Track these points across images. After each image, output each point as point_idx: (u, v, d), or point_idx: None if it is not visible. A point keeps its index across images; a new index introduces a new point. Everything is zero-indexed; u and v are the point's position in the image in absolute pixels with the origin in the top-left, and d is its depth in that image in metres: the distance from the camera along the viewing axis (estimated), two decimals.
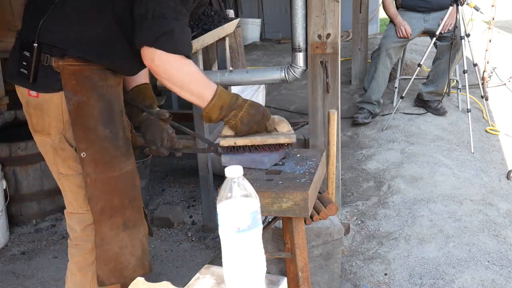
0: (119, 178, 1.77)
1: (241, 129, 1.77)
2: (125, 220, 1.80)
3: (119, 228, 1.79)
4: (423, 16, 4.42)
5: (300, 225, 1.86)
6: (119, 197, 1.78)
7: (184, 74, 1.70)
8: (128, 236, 1.81)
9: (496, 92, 5.30)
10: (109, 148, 1.73)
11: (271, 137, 1.81)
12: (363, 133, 4.30)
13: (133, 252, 1.83)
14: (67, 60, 1.67)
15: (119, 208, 1.78)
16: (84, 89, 1.69)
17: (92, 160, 1.72)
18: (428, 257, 2.70)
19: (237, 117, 1.75)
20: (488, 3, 4.97)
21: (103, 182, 1.74)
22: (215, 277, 1.15)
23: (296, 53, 2.74)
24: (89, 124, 1.70)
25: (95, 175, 1.73)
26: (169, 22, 1.62)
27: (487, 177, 3.54)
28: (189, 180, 3.74)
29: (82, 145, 1.70)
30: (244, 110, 1.75)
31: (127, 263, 1.82)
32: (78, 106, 1.69)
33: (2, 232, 3.05)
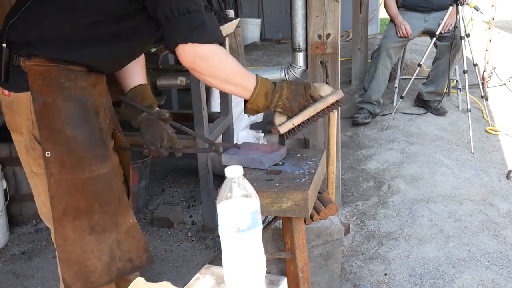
0: (89, 181, 1.72)
1: (290, 107, 1.77)
2: (92, 224, 1.74)
3: (84, 231, 1.74)
4: (423, 16, 4.42)
5: (300, 225, 1.86)
6: (86, 200, 1.73)
7: (225, 66, 1.69)
8: (95, 240, 1.76)
9: (496, 92, 5.30)
10: (77, 149, 1.69)
11: (322, 103, 1.82)
12: (363, 133, 4.30)
13: (100, 256, 1.78)
14: (33, 60, 1.64)
15: (86, 211, 1.73)
16: (50, 90, 1.66)
17: (58, 160, 1.68)
18: (428, 257, 2.70)
19: (283, 98, 1.75)
20: (488, 3, 4.97)
21: (68, 184, 1.70)
22: (215, 277, 1.15)
23: (296, 53, 2.74)
24: (55, 125, 1.67)
25: (60, 176, 1.69)
26: (197, 15, 1.61)
27: (487, 177, 3.54)
28: (189, 180, 3.74)
29: (47, 145, 1.68)
30: (286, 89, 1.76)
31: (93, 268, 1.77)
32: (44, 106, 1.66)
33: (2, 232, 3.05)
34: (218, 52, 1.65)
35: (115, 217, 1.81)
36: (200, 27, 1.60)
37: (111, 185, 1.79)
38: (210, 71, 1.67)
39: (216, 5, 6.90)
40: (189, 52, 1.63)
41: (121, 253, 1.84)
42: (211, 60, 1.65)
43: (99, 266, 1.78)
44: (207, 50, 1.63)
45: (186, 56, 1.64)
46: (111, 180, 1.79)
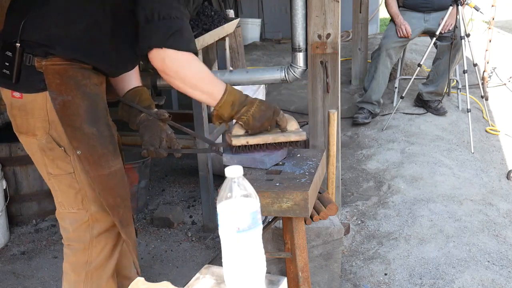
0: (109, 177, 1.75)
1: (253, 125, 1.77)
2: (120, 218, 1.79)
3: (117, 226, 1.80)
4: (423, 16, 4.42)
5: (300, 225, 1.86)
6: (112, 196, 1.76)
7: (195, 72, 1.70)
8: (125, 234, 1.81)
9: (496, 92, 5.30)
10: (96, 146, 1.71)
11: (283, 135, 1.81)
12: (363, 133, 4.30)
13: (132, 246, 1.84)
14: (50, 59, 1.65)
15: (114, 206, 1.77)
16: (69, 88, 1.67)
17: (86, 158, 1.71)
18: (428, 257, 2.70)
19: (249, 113, 1.75)
20: (488, 3, 4.97)
21: (95, 181, 1.73)
22: (215, 277, 1.15)
23: (296, 53, 2.74)
24: (75, 123, 1.68)
25: (91, 172, 1.72)
26: (176, 22, 1.62)
27: (487, 177, 3.54)
28: (189, 180, 3.74)
29: (75, 143, 1.69)
30: (255, 106, 1.75)
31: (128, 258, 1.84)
32: (64, 105, 1.67)
33: (2, 232, 3.05)
34: (190, 58, 1.67)
35: (131, 211, 1.86)
36: (176, 34, 1.62)
37: (124, 179, 1.83)
38: (177, 74, 1.68)
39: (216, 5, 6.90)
40: (162, 55, 1.64)
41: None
42: (181, 65, 1.66)
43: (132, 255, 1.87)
44: (178, 55, 1.64)
45: (157, 58, 1.65)
46: (124, 175, 1.82)
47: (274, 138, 1.80)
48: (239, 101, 1.74)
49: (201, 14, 3.08)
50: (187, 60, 1.66)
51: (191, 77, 1.70)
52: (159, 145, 1.87)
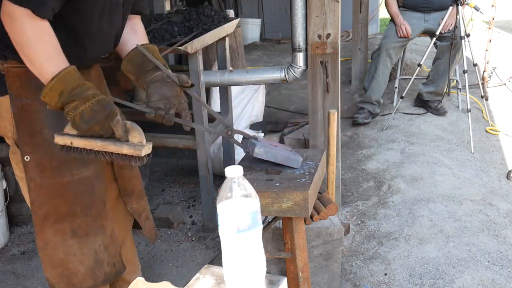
0: (70, 185, 1.68)
1: (79, 125, 1.51)
2: (74, 227, 1.72)
3: (65, 235, 1.73)
4: (423, 16, 4.42)
5: (300, 225, 1.86)
6: (67, 204, 1.70)
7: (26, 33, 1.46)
8: (77, 244, 1.74)
9: (496, 92, 5.30)
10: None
11: (114, 145, 1.54)
12: (363, 133, 4.30)
13: (83, 260, 1.75)
14: (10, 62, 1.60)
15: (67, 215, 1.71)
16: (28, 91, 1.61)
17: (38, 164, 1.65)
18: (428, 257, 2.70)
19: (77, 110, 1.49)
20: (488, 3, 4.97)
21: (49, 188, 1.67)
22: (215, 277, 1.15)
23: (296, 53, 2.74)
24: (34, 127, 1.63)
25: (41, 180, 1.66)
26: None
27: (487, 177, 3.54)
28: (189, 180, 3.74)
29: (26, 148, 1.65)
30: (88, 104, 1.50)
31: (75, 271, 1.75)
32: (23, 109, 1.62)
33: (2, 232, 3.05)
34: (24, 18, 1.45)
35: (100, 221, 1.77)
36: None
37: (94, 188, 1.74)
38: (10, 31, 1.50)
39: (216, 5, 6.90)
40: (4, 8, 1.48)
41: (108, 257, 1.80)
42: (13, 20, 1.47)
43: (82, 270, 1.75)
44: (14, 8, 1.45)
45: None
46: (94, 183, 1.74)
47: (103, 146, 1.54)
48: (69, 92, 1.48)
49: (201, 14, 3.08)
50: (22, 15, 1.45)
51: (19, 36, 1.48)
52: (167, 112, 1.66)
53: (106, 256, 1.79)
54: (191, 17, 3.05)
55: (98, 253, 1.77)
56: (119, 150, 1.53)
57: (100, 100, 1.52)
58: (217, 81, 2.97)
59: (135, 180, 1.99)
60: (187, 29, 2.95)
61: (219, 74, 2.98)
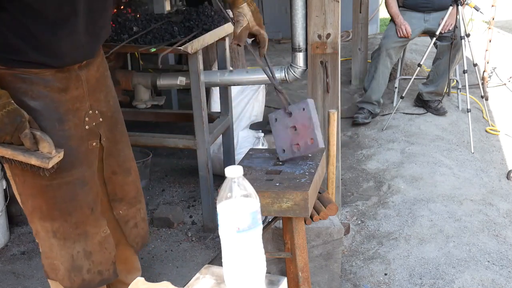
0: (48, 188, 1.68)
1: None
2: (54, 229, 1.73)
3: (48, 233, 1.74)
4: (423, 16, 4.42)
5: (300, 225, 1.86)
6: (47, 206, 1.70)
7: None
8: (57, 245, 1.75)
9: (496, 92, 5.30)
10: None
11: (23, 155, 1.57)
12: (363, 133, 4.30)
13: (62, 261, 1.77)
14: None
15: (48, 215, 1.71)
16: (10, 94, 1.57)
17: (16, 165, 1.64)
18: (428, 257, 2.70)
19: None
20: (488, 3, 4.97)
21: (30, 186, 1.68)
22: (215, 277, 1.15)
23: (296, 53, 2.74)
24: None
25: (23, 177, 1.68)
26: None
27: (487, 177, 3.54)
28: (189, 180, 3.73)
29: None
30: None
31: (57, 267, 1.77)
32: None
33: (2, 232, 3.05)
34: None
35: (82, 227, 1.76)
36: None
37: (77, 194, 1.73)
38: None
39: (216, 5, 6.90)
40: None
41: (91, 265, 1.79)
42: None
43: (62, 270, 1.77)
44: None
45: None
46: (77, 190, 1.72)
47: (13, 155, 1.57)
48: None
49: (201, 14, 3.08)
50: None
51: None
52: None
53: (86, 263, 1.79)
54: (191, 17, 3.05)
55: (76, 259, 1.77)
56: (28, 161, 1.56)
57: (9, 112, 1.52)
58: (217, 81, 2.97)
59: (128, 187, 1.97)
60: (187, 29, 2.95)
61: (219, 74, 2.98)
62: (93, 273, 1.81)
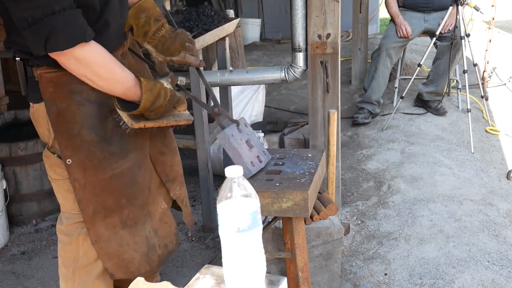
0: (112, 179, 1.73)
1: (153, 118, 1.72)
2: (123, 219, 1.77)
3: (116, 227, 1.77)
4: (423, 16, 4.42)
5: (300, 225, 1.86)
6: (113, 198, 1.75)
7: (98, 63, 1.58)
8: (128, 234, 1.79)
9: (496, 92, 5.30)
10: (96, 151, 1.69)
11: (174, 120, 1.79)
12: (363, 133, 4.30)
13: (136, 249, 1.81)
14: (42, 68, 1.62)
15: (115, 208, 1.75)
16: (62, 96, 1.64)
17: (80, 165, 1.69)
18: (428, 257, 2.70)
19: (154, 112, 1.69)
20: (488, 3, 4.97)
21: (93, 185, 1.71)
22: (215, 277, 1.15)
23: (296, 53, 2.74)
24: (72, 130, 1.66)
25: (85, 179, 1.70)
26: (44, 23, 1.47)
27: (487, 177, 3.54)
28: (189, 180, 3.72)
29: (67, 152, 1.67)
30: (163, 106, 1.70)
31: (131, 259, 1.81)
32: (59, 113, 1.65)
33: (2, 232, 3.05)
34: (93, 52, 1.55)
35: (146, 208, 1.83)
36: (51, 36, 1.48)
37: (137, 177, 1.80)
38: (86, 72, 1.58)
39: (216, 5, 6.91)
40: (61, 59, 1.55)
41: (159, 240, 1.88)
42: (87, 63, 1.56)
43: (137, 257, 1.81)
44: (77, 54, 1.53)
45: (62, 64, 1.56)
46: (136, 173, 1.80)
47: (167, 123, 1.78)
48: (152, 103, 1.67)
49: (201, 14, 3.08)
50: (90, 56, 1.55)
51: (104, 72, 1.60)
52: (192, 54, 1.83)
53: (156, 240, 1.86)
54: (191, 17, 3.05)
55: (149, 239, 1.84)
56: (179, 123, 1.81)
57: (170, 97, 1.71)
58: (217, 81, 2.97)
59: (177, 166, 2.03)
60: (187, 29, 2.95)
61: (219, 74, 2.98)
62: (163, 248, 1.89)
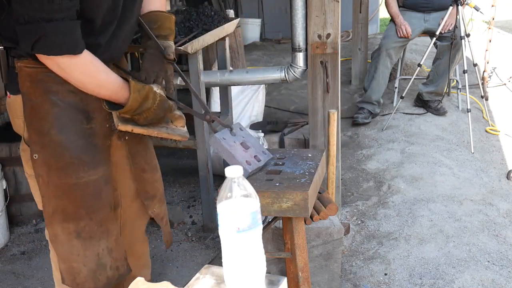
0: (76, 187, 1.69)
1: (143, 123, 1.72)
2: (78, 230, 1.72)
3: (71, 234, 1.73)
4: (423, 16, 4.42)
5: (300, 225, 1.86)
6: (73, 206, 1.70)
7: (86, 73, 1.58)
8: (81, 245, 1.74)
9: (496, 92, 5.30)
10: (64, 154, 1.65)
11: (167, 133, 1.78)
12: (363, 133, 4.30)
13: (85, 262, 1.76)
14: (23, 61, 1.60)
15: (73, 216, 1.71)
16: (38, 92, 1.61)
17: (45, 163, 1.66)
18: (428, 257, 2.70)
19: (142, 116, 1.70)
20: (488, 3, 4.97)
21: (56, 187, 1.68)
22: (215, 277, 1.15)
23: (296, 53, 2.74)
24: (42, 128, 1.64)
25: (48, 178, 1.67)
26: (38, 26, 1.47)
27: (487, 177, 3.54)
28: (189, 180, 3.74)
29: (35, 147, 1.66)
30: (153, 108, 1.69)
31: (78, 271, 1.75)
32: (32, 109, 1.63)
33: (2, 232, 3.05)
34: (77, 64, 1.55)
35: (105, 224, 1.77)
36: (41, 40, 1.48)
37: (101, 192, 1.74)
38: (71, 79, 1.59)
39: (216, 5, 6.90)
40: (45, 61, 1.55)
41: (112, 261, 1.80)
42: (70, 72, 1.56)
43: (84, 271, 1.75)
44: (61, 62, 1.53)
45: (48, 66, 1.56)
46: (101, 187, 1.74)
47: (158, 133, 1.77)
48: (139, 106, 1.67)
49: (201, 14, 3.08)
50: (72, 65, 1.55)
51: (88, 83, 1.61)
52: (154, 80, 1.78)
53: (109, 260, 1.79)
54: (191, 17, 3.05)
55: (101, 257, 1.77)
56: (171, 136, 1.81)
57: (159, 102, 1.70)
58: (217, 81, 2.97)
59: (158, 184, 1.99)
60: (187, 29, 2.95)
61: (219, 74, 2.98)
62: (114, 269, 1.82)
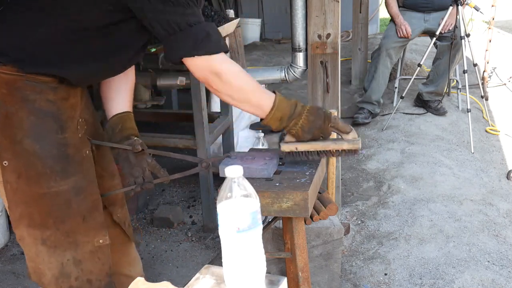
0: (45, 196, 1.67)
1: (303, 137, 1.73)
2: (44, 237, 1.71)
3: (37, 240, 1.72)
4: (423, 16, 4.43)
5: (300, 225, 1.86)
6: (40, 214, 1.69)
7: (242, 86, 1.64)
8: (46, 252, 1.73)
9: (496, 92, 5.30)
10: (36, 164, 1.64)
11: (334, 144, 1.77)
12: (363, 133, 4.30)
13: (49, 268, 1.75)
14: (2, 67, 1.58)
15: (39, 224, 1.70)
16: (14, 100, 1.59)
17: (15, 171, 1.65)
18: (428, 257, 2.70)
19: (297, 126, 1.71)
20: (488, 3, 4.97)
21: (24, 194, 1.67)
22: (215, 277, 1.15)
23: (296, 53, 2.74)
24: (16, 136, 1.62)
25: (17, 185, 1.66)
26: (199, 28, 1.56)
27: (487, 177, 3.54)
28: (189, 180, 3.73)
29: (5, 154, 1.63)
30: (303, 118, 1.70)
31: (43, 273, 1.75)
32: (6, 116, 1.61)
33: (2, 232, 3.05)
34: (234, 71, 1.61)
35: (73, 236, 1.74)
36: (205, 40, 1.55)
37: (71, 203, 1.72)
38: (226, 90, 1.63)
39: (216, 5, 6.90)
40: (201, 66, 1.59)
41: (79, 272, 1.78)
42: (225, 79, 1.60)
43: (49, 275, 1.75)
44: (220, 65, 1.59)
45: (199, 71, 1.60)
46: (71, 198, 1.72)
47: (324, 146, 1.76)
48: (287, 116, 1.69)
49: None
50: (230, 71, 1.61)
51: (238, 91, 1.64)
52: (143, 176, 1.81)
53: (75, 270, 1.77)
54: None
55: (65, 266, 1.75)
56: (340, 147, 1.78)
57: (310, 110, 1.70)
58: None
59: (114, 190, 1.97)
60: None
61: None
62: (82, 281, 1.79)
